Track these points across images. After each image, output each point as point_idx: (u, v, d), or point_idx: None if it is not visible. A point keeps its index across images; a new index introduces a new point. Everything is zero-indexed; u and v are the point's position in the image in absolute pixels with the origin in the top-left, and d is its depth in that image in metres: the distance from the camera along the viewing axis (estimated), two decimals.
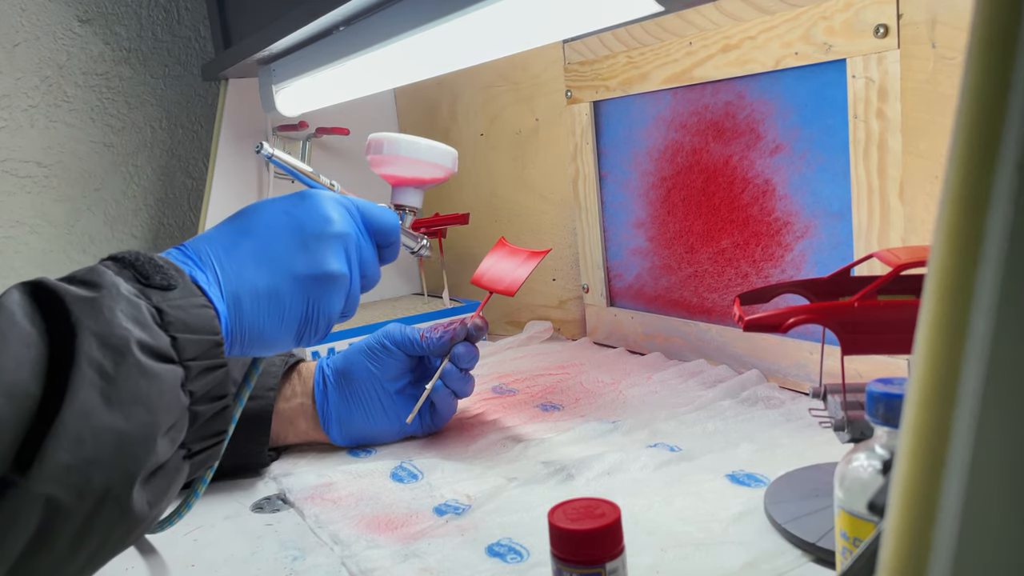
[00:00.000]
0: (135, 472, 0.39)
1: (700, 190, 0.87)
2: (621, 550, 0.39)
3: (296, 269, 0.52)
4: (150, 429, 0.40)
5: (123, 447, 0.39)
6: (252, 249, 0.51)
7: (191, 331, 0.44)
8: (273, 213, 0.53)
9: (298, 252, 0.52)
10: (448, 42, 0.69)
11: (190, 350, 0.43)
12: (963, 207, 0.16)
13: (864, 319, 0.47)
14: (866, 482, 0.38)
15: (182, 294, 0.45)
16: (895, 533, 0.17)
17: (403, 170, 0.67)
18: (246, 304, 0.50)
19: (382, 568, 0.52)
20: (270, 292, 0.51)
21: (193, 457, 0.45)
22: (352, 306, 0.57)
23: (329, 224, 0.54)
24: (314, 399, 0.74)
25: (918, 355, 0.17)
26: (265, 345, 0.52)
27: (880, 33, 0.65)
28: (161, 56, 1.42)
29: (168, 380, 0.41)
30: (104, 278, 0.42)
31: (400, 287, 1.35)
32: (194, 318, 0.44)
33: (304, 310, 0.52)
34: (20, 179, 1.33)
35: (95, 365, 0.38)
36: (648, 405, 0.78)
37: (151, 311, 0.42)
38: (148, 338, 0.41)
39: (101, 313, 0.40)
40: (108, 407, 0.38)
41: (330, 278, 0.53)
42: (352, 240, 0.55)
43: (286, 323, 0.52)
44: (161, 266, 0.45)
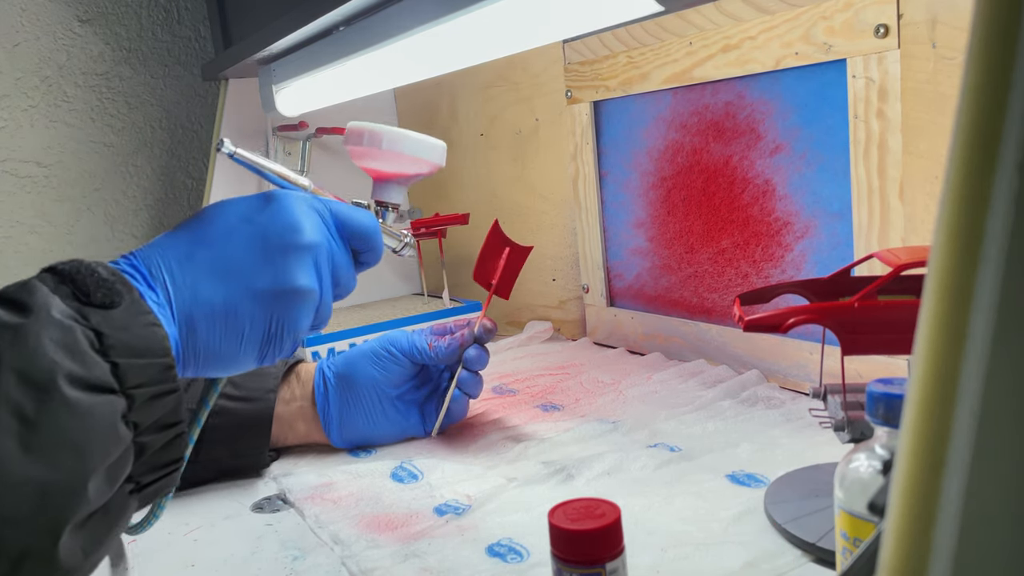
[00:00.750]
0: (60, 526, 0.35)
1: (700, 190, 0.87)
2: (621, 550, 0.39)
3: (257, 285, 0.46)
4: (79, 475, 0.35)
5: (45, 499, 0.34)
6: (208, 261, 0.46)
7: (136, 355, 0.39)
8: (234, 219, 0.48)
9: (260, 265, 0.47)
10: (448, 42, 0.69)
11: (134, 376, 0.39)
12: (963, 207, 0.16)
13: (864, 319, 0.47)
14: (866, 482, 0.38)
15: (127, 313, 0.40)
16: (895, 533, 0.17)
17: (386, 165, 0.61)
18: (200, 324, 0.45)
19: (382, 568, 0.52)
20: (228, 310, 0.46)
21: (143, 490, 0.41)
22: (323, 319, 0.52)
23: (297, 233, 0.48)
24: (314, 402, 0.74)
25: (918, 355, 0.17)
26: (223, 366, 0.47)
27: (880, 33, 0.65)
28: (161, 56, 1.42)
29: (104, 414, 0.37)
30: (35, 298, 0.37)
31: (400, 287, 1.35)
32: (140, 339, 0.39)
33: (266, 328, 0.47)
34: (20, 179, 1.33)
35: (12, 407, 0.34)
36: (648, 405, 0.78)
37: (88, 335, 0.38)
38: (80, 369, 0.36)
39: (25, 344, 0.35)
40: (26, 455, 0.34)
41: (297, 293, 0.47)
42: (323, 250, 0.49)
43: (246, 343, 0.47)
44: (104, 280, 0.40)
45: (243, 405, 0.70)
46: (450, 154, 1.36)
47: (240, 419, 0.70)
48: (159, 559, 0.58)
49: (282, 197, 0.49)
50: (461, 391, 0.74)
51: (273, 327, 0.47)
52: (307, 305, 0.49)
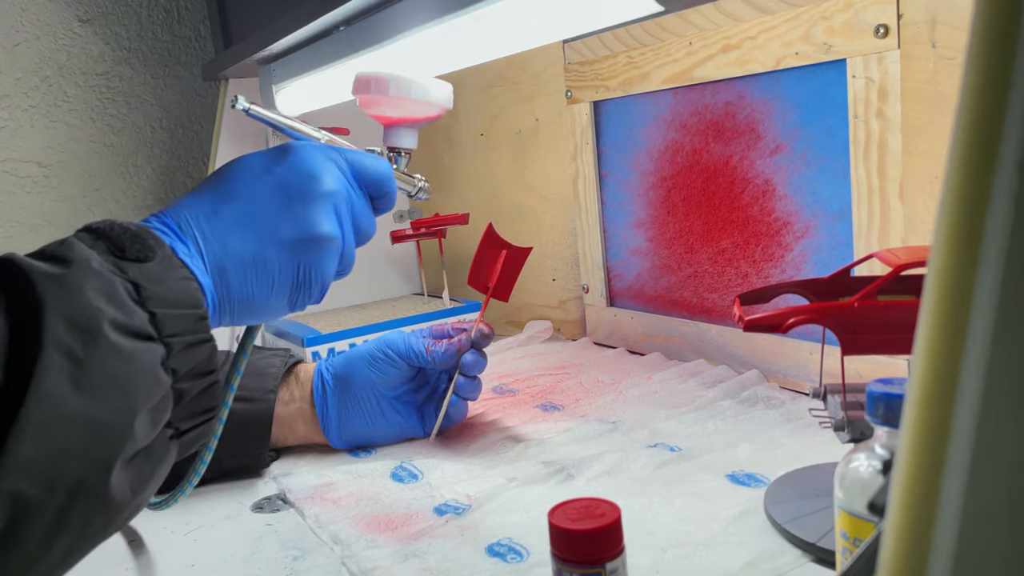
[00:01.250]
0: (111, 460, 0.37)
1: (700, 190, 0.87)
2: (621, 550, 0.39)
3: (283, 234, 0.48)
4: (126, 414, 0.37)
5: (96, 434, 0.36)
6: (234, 214, 0.48)
7: (171, 306, 0.41)
8: (255, 172, 0.49)
9: (284, 215, 0.49)
10: (448, 42, 0.69)
11: (171, 326, 0.40)
12: (963, 207, 0.16)
13: (864, 319, 0.47)
14: (866, 482, 0.38)
15: (161, 266, 0.42)
16: (895, 533, 0.17)
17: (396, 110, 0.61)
18: (232, 274, 0.47)
19: (382, 568, 0.52)
20: (256, 260, 0.48)
21: (182, 436, 0.43)
22: (347, 265, 0.53)
23: (315, 182, 0.50)
24: (313, 404, 0.74)
25: (918, 355, 0.17)
26: (256, 314, 0.49)
27: (880, 33, 0.65)
28: (161, 56, 1.42)
29: (145, 360, 0.39)
30: (75, 252, 0.39)
31: (400, 287, 1.35)
32: (174, 292, 0.41)
33: (295, 275, 0.49)
34: (20, 179, 1.33)
35: (63, 348, 0.36)
36: (648, 405, 0.78)
37: (126, 286, 0.40)
38: (122, 316, 0.38)
39: (69, 291, 0.37)
40: (78, 393, 0.36)
41: (320, 240, 0.49)
42: (342, 196, 0.51)
43: (276, 290, 0.49)
44: (138, 236, 0.42)
45: (243, 405, 0.70)
46: (450, 154, 1.36)
47: (240, 419, 0.70)
48: (159, 559, 0.58)
49: (299, 148, 0.51)
50: (459, 396, 0.74)
51: (301, 273, 0.49)
52: (331, 251, 0.50)
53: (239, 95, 0.57)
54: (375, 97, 0.61)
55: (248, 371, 0.73)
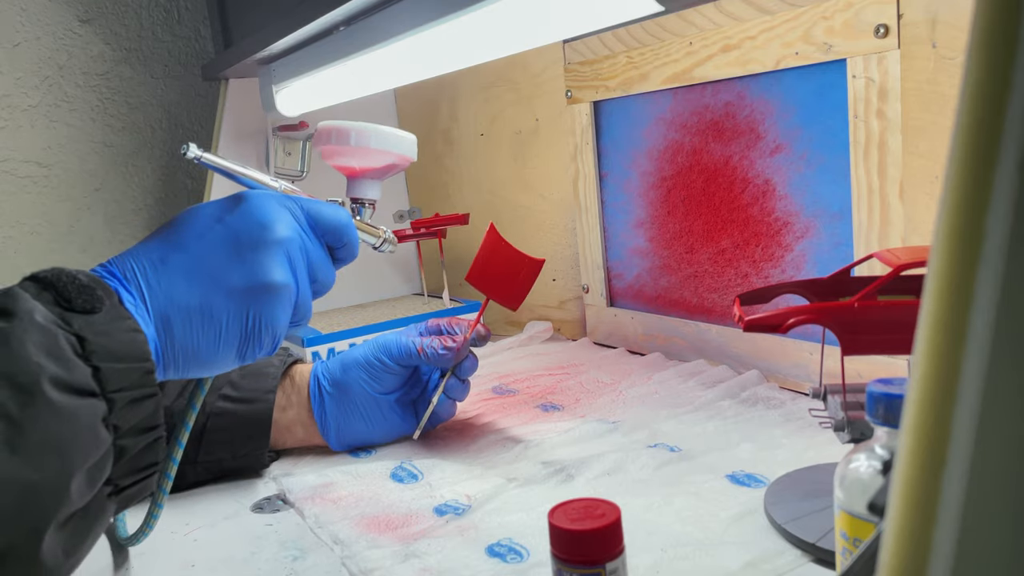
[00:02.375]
0: (44, 525, 0.36)
1: (700, 190, 0.87)
2: (621, 550, 0.39)
3: (232, 282, 0.47)
4: (62, 476, 0.36)
5: (29, 499, 0.35)
6: (182, 263, 0.47)
7: (116, 359, 0.40)
8: (206, 222, 0.49)
9: (233, 263, 0.47)
10: (448, 42, 0.69)
11: (115, 381, 0.39)
12: (963, 207, 0.16)
13: (864, 319, 0.47)
14: (866, 482, 0.38)
15: (108, 318, 0.41)
16: (895, 533, 0.17)
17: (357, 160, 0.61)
18: (177, 325, 0.46)
19: (382, 568, 0.52)
20: (203, 309, 0.46)
21: (121, 493, 0.42)
22: (303, 315, 0.52)
23: (267, 230, 0.49)
24: (310, 409, 0.74)
25: (918, 355, 0.17)
26: (203, 366, 0.48)
27: (880, 33, 0.65)
28: (161, 56, 1.42)
29: (85, 417, 0.38)
30: (19, 304, 0.38)
31: (400, 287, 1.35)
32: (120, 345, 0.40)
33: (243, 326, 0.48)
34: (20, 179, 1.33)
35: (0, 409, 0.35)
36: (648, 405, 0.78)
37: (70, 340, 0.39)
38: (63, 372, 0.37)
39: (10, 347, 0.36)
40: (12, 456, 0.34)
41: (271, 289, 0.48)
42: (296, 244, 0.50)
43: (224, 341, 0.47)
44: (86, 287, 0.41)
45: (242, 407, 0.70)
46: (450, 154, 1.36)
47: (240, 420, 0.70)
48: (159, 559, 0.58)
49: (251, 196, 0.50)
50: (448, 397, 0.74)
51: (250, 324, 0.48)
52: (283, 300, 0.49)
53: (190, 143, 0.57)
54: (337, 148, 0.61)
55: (246, 372, 0.73)
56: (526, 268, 0.74)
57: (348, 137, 0.60)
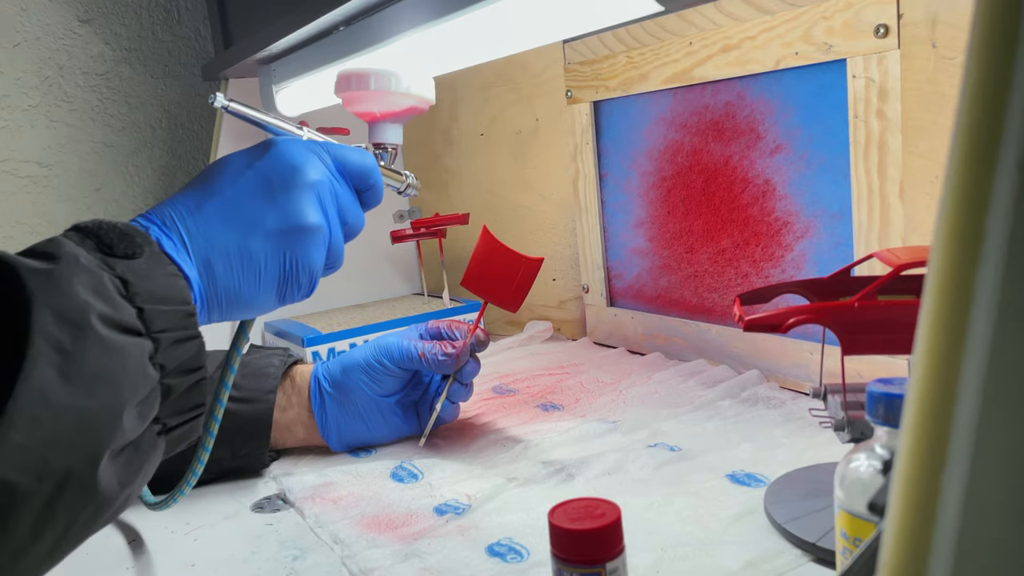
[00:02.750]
0: (99, 451, 0.37)
1: (700, 190, 0.87)
2: (621, 550, 0.39)
3: (268, 224, 0.48)
4: (114, 406, 0.38)
5: (85, 426, 0.36)
6: (218, 208, 0.48)
7: (159, 302, 0.41)
8: (237, 168, 0.50)
9: (267, 207, 0.49)
10: (448, 42, 0.69)
11: (159, 322, 0.41)
12: (963, 207, 0.16)
13: (864, 319, 0.47)
14: (866, 482, 0.38)
15: (149, 263, 0.42)
16: (895, 533, 0.17)
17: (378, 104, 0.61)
18: (218, 268, 0.47)
19: (382, 568, 0.52)
20: (242, 252, 0.48)
21: (170, 432, 0.43)
22: (336, 257, 0.53)
23: (298, 173, 0.50)
24: (310, 410, 0.74)
25: (918, 355, 0.17)
26: (245, 308, 0.49)
27: (880, 33, 0.65)
28: (161, 56, 1.42)
29: (134, 354, 0.39)
30: (63, 249, 0.40)
31: (400, 287, 1.35)
32: (162, 288, 0.42)
33: (281, 267, 0.49)
34: (20, 179, 1.33)
35: (52, 340, 0.36)
36: (648, 405, 0.78)
37: (115, 282, 0.40)
38: (111, 310, 0.38)
39: (58, 286, 0.37)
40: (67, 384, 0.36)
41: (305, 230, 0.50)
42: (326, 187, 0.52)
43: (264, 283, 0.49)
44: (126, 234, 0.43)
45: (243, 406, 0.70)
46: (450, 154, 1.36)
47: (240, 420, 0.70)
48: (159, 559, 0.58)
49: (280, 143, 0.52)
50: (451, 401, 0.74)
51: (288, 265, 0.50)
52: (318, 241, 0.51)
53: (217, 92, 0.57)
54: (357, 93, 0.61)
55: (247, 372, 0.73)
56: (524, 268, 0.72)
57: (368, 81, 0.60)
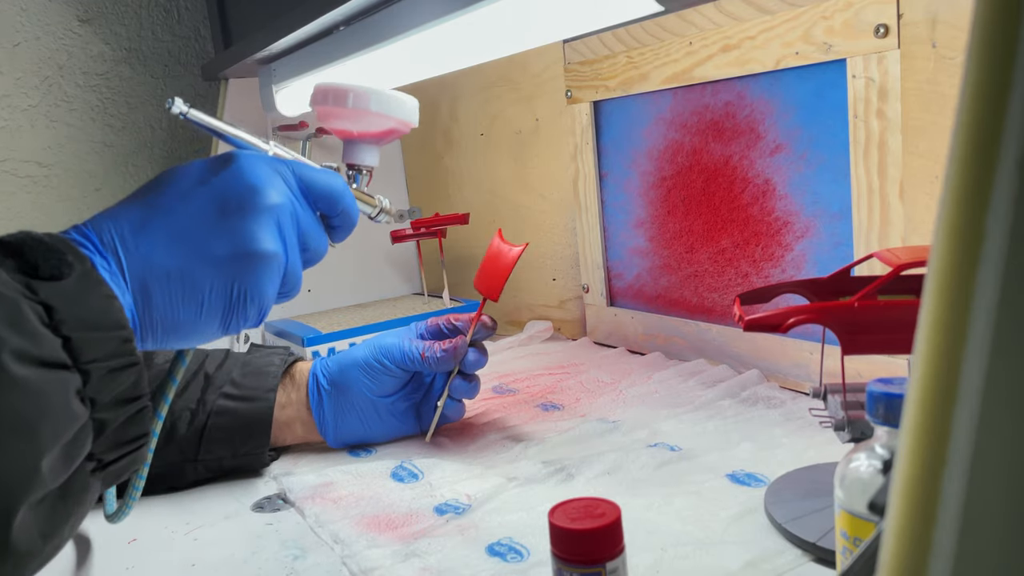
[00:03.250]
0: (11, 509, 0.33)
1: (700, 190, 0.87)
2: (621, 550, 0.39)
3: (216, 250, 0.44)
4: (30, 456, 0.33)
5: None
6: (163, 227, 0.44)
7: (90, 328, 0.37)
8: (189, 183, 0.46)
9: (218, 229, 0.44)
10: (448, 42, 0.69)
11: (89, 351, 0.37)
12: (963, 207, 0.16)
13: (864, 319, 0.47)
14: (866, 482, 0.38)
15: (79, 284, 0.38)
16: (895, 533, 0.17)
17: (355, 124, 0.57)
18: (156, 293, 0.43)
19: (382, 567, 0.52)
20: (185, 277, 0.44)
21: (106, 468, 0.39)
22: (292, 286, 0.49)
23: (255, 194, 0.46)
24: (309, 407, 0.74)
25: (918, 355, 0.17)
26: (184, 337, 0.45)
27: (880, 33, 0.65)
28: (161, 56, 1.42)
29: (55, 392, 0.35)
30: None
31: (400, 287, 1.35)
32: (93, 312, 0.37)
33: (228, 296, 0.45)
34: (20, 179, 1.33)
35: None
36: (648, 405, 0.78)
37: (36, 309, 0.36)
38: (27, 344, 0.34)
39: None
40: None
41: (258, 257, 0.45)
42: (286, 211, 0.47)
43: (207, 311, 0.45)
44: (54, 250, 0.38)
45: (243, 405, 0.70)
46: (450, 154, 1.36)
47: (240, 419, 0.70)
48: (159, 559, 0.58)
49: (240, 157, 0.47)
50: (454, 399, 0.73)
51: (235, 294, 0.45)
52: (271, 270, 0.47)
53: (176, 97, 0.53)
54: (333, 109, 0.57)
55: (247, 370, 0.73)
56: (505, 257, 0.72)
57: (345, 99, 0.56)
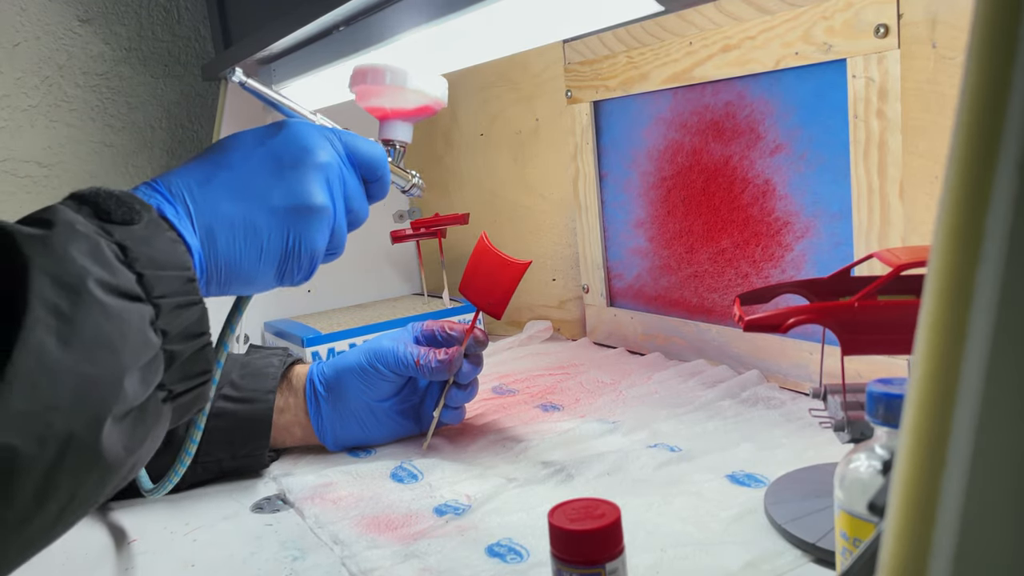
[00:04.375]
0: (102, 416, 0.37)
1: (700, 190, 0.87)
2: (621, 550, 0.39)
3: (274, 201, 0.49)
4: (115, 370, 0.37)
5: (85, 390, 0.36)
6: (226, 181, 0.48)
7: (159, 267, 0.41)
8: (249, 144, 0.51)
9: (275, 183, 0.49)
10: (448, 42, 0.69)
11: (159, 287, 0.40)
12: (963, 207, 0.16)
13: (864, 319, 0.47)
14: (866, 482, 0.38)
15: (147, 229, 0.42)
16: (895, 533, 0.17)
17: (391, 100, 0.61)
18: (221, 238, 0.47)
19: (382, 568, 0.52)
20: (247, 225, 0.48)
21: (176, 399, 0.43)
22: (338, 243, 0.54)
23: (308, 154, 0.51)
24: (307, 411, 0.74)
25: (918, 355, 0.17)
26: (244, 282, 0.49)
27: (880, 33, 0.65)
28: (161, 56, 1.42)
29: (133, 319, 0.39)
30: (59, 216, 0.39)
31: (400, 287, 1.35)
32: (162, 253, 0.41)
33: (284, 244, 0.50)
34: (20, 179, 1.33)
35: (50, 306, 0.35)
36: (648, 405, 0.78)
37: (112, 248, 0.39)
38: (108, 276, 0.38)
39: (54, 251, 0.37)
40: (66, 349, 0.35)
41: (311, 210, 0.50)
42: (334, 171, 0.52)
43: (265, 258, 0.49)
44: (123, 201, 0.42)
45: (242, 406, 0.70)
46: (450, 154, 1.36)
47: (240, 420, 0.70)
48: (159, 559, 0.58)
49: (293, 124, 0.53)
50: (450, 408, 0.73)
51: (291, 243, 0.50)
52: (322, 222, 0.51)
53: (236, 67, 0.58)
54: (371, 87, 0.61)
55: (246, 372, 0.73)
56: (509, 272, 0.72)
57: (383, 76, 0.60)
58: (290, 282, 0.52)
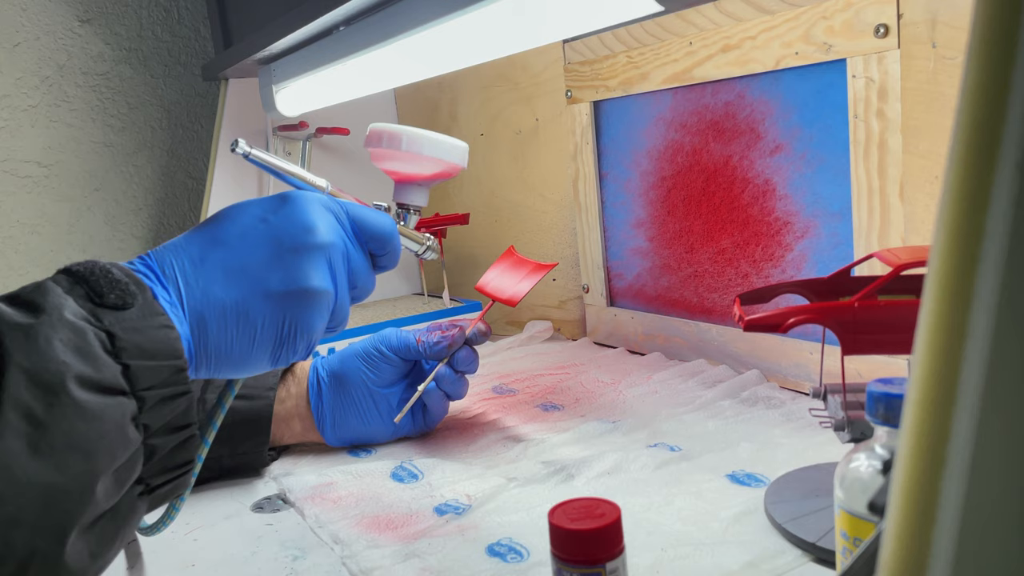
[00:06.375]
0: (67, 528, 0.35)
1: (700, 190, 0.87)
2: (621, 550, 0.39)
3: (270, 285, 0.46)
4: (86, 478, 0.35)
5: (52, 502, 0.34)
6: (221, 261, 0.46)
7: (148, 357, 0.39)
8: (248, 220, 0.48)
9: (273, 265, 0.47)
10: (448, 42, 0.69)
11: (145, 378, 0.39)
12: (963, 207, 0.16)
13: (864, 319, 0.47)
14: (866, 482, 0.38)
15: (140, 314, 0.40)
16: (895, 533, 0.17)
17: (408, 166, 0.60)
18: (212, 324, 0.45)
19: (382, 568, 0.52)
20: (239, 312, 0.46)
21: (153, 492, 0.41)
22: (340, 321, 0.52)
23: (310, 234, 0.48)
24: (308, 401, 0.74)
25: (918, 355, 0.17)
26: (236, 367, 0.47)
27: (880, 33, 0.65)
28: (161, 56, 1.42)
29: (113, 416, 0.37)
30: (48, 299, 0.38)
31: (400, 287, 1.35)
32: (152, 342, 0.40)
33: (279, 330, 0.47)
34: (20, 179, 1.33)
35: (22, 408, 0.34)
36: (648, 405, 0.78)
37: (99, 336, 0.38)
38: (90, 371, 0.36)
39: (36, 344, 0.35)
40: (35, 457, 0.34)
41: (310, 294, 0.47)
42: (338, 250, 0.50)
43: (259, 344, 0.47)
44: (118, 281, 0.41)
45: (242, 403, 0.70)
46: None
47: (240, 417, 0.70)
48: (159, 559, 0.58)
49: (297, 197, 0.50)
50: (438, 386, 0.73)
51: (286, 328, 0.47)
52: (321, 306, 0.48)
53: (239, 139, 0.55)
54: (387, 151, 0.60)
55: None
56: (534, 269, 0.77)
57: (400, 142, 0.59)
58: (284, 364, 0.49)
